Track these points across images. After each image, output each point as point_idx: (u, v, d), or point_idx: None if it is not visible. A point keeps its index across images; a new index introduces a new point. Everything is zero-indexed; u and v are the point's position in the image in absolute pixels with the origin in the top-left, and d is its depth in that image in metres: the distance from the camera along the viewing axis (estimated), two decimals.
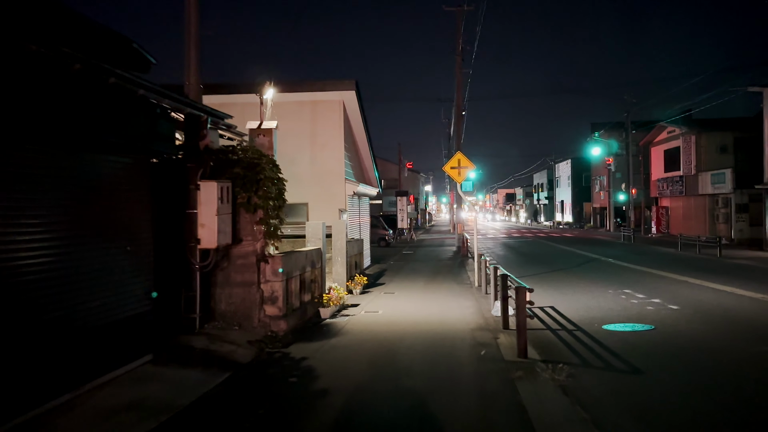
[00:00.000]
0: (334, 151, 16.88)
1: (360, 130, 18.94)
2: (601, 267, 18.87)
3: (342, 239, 13.30)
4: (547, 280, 15.38)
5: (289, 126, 17.31)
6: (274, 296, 8.37)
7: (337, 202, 16.71)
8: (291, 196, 17.54)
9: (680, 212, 38.16)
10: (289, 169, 17.22)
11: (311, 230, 11.05)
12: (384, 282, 15.95)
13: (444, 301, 12.03)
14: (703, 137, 34.51)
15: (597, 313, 10.22)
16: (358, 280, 13.50)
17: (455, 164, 14.89)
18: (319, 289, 10.76)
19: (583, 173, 63.33)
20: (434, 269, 19.40)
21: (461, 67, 28.90)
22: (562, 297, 12.04)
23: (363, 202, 20.59)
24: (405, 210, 39.32)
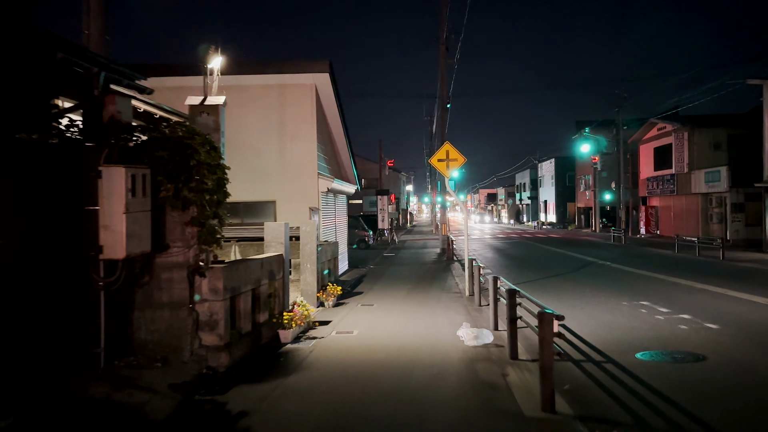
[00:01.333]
0: (305, 142, 14.86)
1: (336, 119, 16.94)
2: (602, 272, 17.12)
3: (312, 243, 11.30)
4: (548, 289, 13.53)
5: (253, 113, 15.26)
6: (213, 320, 6.35)
7: (308, 200, 14.70)
8: (256, 192, 15.49)
9: (670, 212, 36.81)
10: (253, 163, 15.17)
11: (271, 233, 9.04)
12: (362, 291, 13.98)
13: (431, 317, 10.10)
14: (696, 134, 33.15)
15: (621, 333, 8.35)
16: (331, 291, 11.51)
17: (443, 156, 12.99)
18: (280, 305, 8.75)
19: (567, 173, 62.06)
20: (418, 275, 17.48)
21: (445, 57, 27.04)
22: (572, 311, 10.19)
23: (339, 200, 18.59)
24: (386, 210, 37.38)
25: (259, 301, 7.84)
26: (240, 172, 15.36)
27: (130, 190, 5.46)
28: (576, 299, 11.76)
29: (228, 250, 14.36)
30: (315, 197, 14.76)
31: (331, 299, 11.41)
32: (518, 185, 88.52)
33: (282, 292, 8.83)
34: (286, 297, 9.08)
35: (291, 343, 7.94)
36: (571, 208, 61.66)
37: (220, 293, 6.35)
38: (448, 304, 11.55)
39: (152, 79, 12.69)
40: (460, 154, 12.92)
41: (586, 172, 53.11)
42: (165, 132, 6.11)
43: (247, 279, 7.30)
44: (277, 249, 8.94)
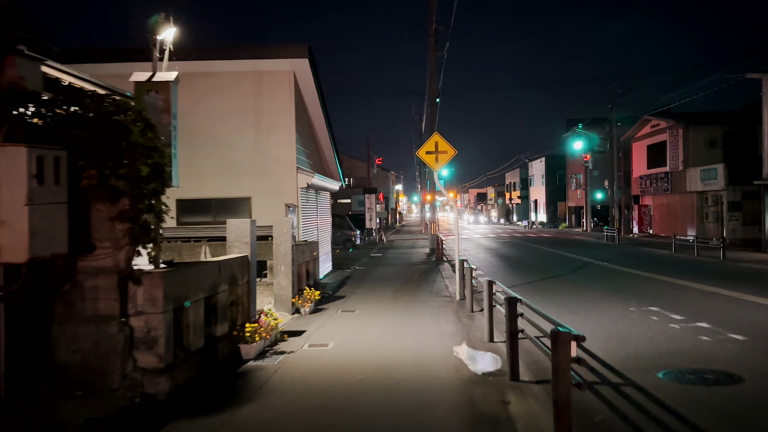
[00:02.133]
0: (283, 134, 13.72)
1: (317, 111, 15.80)
2: (601, 273, 16.12)
3: (286, 243, 10.17)
4: (546, 292, 12.50)
5: (226, 102, 14.07)
6: (150, 337, 5.20)
7: (286, 196, 13.56)
8: (230, 188, 14.30)
9: (664, 211, 36.03)
10: (226, 156, 13.96)
11: (234, 231, 7.89)
12: (344, 295, 12.86)
13: (419, 325, 9.00)
14: (691, 131, 32.36)
15: (636, 347, 7.29)
16: (308, 296, 10.37)
17: (431, 148, 11.90)
18: (245, 314, 7.60)
19: (558, 171, 61.30)
20: (406, 276, 16.38)
21: (434, 49, 26.00)
22: (575, 318, 9.15)
23: (322, 197, 17.46)
24: (374, 209, 36.25)
25: (217, 311, 6.69)
26: (212, 166, 14.22)
27: (35, 175, 4.31)
28: (578, 304, 10.71)
29: (198, 250, 13.18)
30: (293, 193, 13.62)
31: (308, 305, 10.27)
32: (508, 184, 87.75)
33: (247, 300, 7.68)
34: (253, 305, 7.93)
35: (254, 359, 6.80)
36: (562, 207, 60.90)
37: (160, 304, 5.20)
38: (438, 310, 10.46)
39: (95, 66, 11.55)
40: (450, 146, 11.84)
41: (577, 171, 52.33)
42: (88, 106, 4.93)
43: (199, 285, 6.15)
44: (241, 250, 7.80)
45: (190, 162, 14.04)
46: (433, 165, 11.88)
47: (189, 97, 14.02)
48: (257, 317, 7.58)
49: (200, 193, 13.73)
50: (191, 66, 14.08)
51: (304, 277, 11.51)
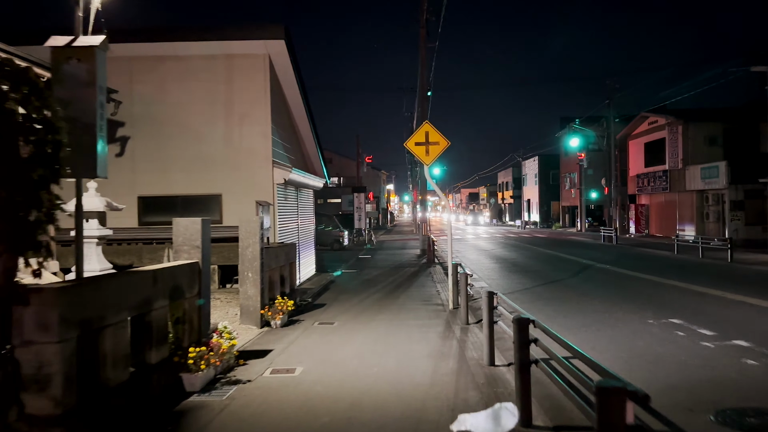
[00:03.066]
0: (257, 124, 12.39)
1: (297, 100, 14.48)
2: (605, 277, 14.90)
3: (254, 245, 8.84)
4: (549, 301, 11.25)
5: (194, 89, 12.70)
6: (43, 374, 3.88)
7: (261, 193, 12.25)
8: (198, 184, 12.92)
9: (662, 210, 34.97)
10: (194, 149, 12.54)
11: (182, 233, 6.56)
12: (324, 302, 11.55)
13: (406, 342, 7.71)
14: (691, 128, 31.28)
15: (668, 374, 6.02)
16: (280, 306, 9.05)
17: (421, 139, 10.61)
18: (194, 333, 6.28)
19: (551, 170, 60.27)
20: (394, 280, 15.09)
21: (425, 41, 24.73)
22: (587, 334, 7.90)
23: (304, 195, 16.13)
24: (363, 208, 34.95)
25: (152, 333, 5.36)
26: (178, 160, 12.83)
27: None
28: (586, 315, 9.46)
29: (161, 253, 11.82)
30: (269, 190, 12.30)
31: (280, 317, 8.95)
32: (500, 184, 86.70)
33: (197, 316, 6.35)
34: (205, 321, 6.60)
35: (200, 392, 5.48)
36: (555, 207, 59.86)
37: (55, 330, 3.88)
38: (428, 322, 9.18)
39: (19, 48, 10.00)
40: (443, 136, 10.56)
41: (571, 170, 51.28)
42: None
43: (124, 302, 4.83)
44: (191, 255, 6.47)
45: (153, 155, 12.71)
46: (423, 158, 10.59)
47: (153, 83, 12.68)
48: (210, 337, 6.27)
49: (165, 190, 12.39)
50: (156, 48, 12.74)
51: (277, 284, 10.19)
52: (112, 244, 11.72)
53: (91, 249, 8.82)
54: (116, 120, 12.30)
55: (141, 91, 12.44)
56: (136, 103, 12.38)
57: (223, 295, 11.06)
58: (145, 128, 12.42)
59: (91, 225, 8.90)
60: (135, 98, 12.39)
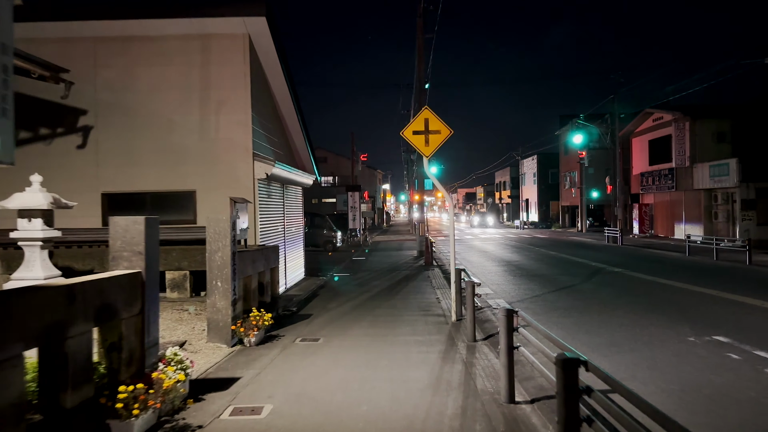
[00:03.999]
0: (236, 112, 11.07)
1: (282, 88, 13.15)
2: (622, 282, 13.61)
3: (224, 249, 7.52)
4: (565, 312, 9.96)
5: (166, 74, 11.36)
6: None
7: (240, 189, 10.93)
8: (169, 180, 11.53)
9: (667, 210, 33.78)
10: (165, 140, 11.14)
11: (121, 235, 5.21)
12: (311, 312, 10.24)
13: (402, 367, 6.40)
14: (698, 124, 30.08)
15: (741, 416, 4.73)
16: (255, 320, 7.73)
17: (420, 127, 9.30)
18: (134, 363, 4.94)
19: (550, 170, 59.12)
20: (390, 286, 13.79)
21: (423, 31, 23.46)
22: (622, 356, 6.61)
23: (291, 192, 14.80)
24: (357, 208, 33.63)
25: (67, 367, 4.03)
26: (148, 152, 11.43)
27: None
28: (614, 331, 8.16)
29: None
30: (249, 185, 10.97)
31: (254, 333, 7.62)
32: (498, 183, 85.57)
33: (137, 340, 5.01)
34: (152, 348, 5.26)
35: None
36: (554, 207, 58.70)
37: None
38: (428, 339, 7.87)
39: None
40: (444, 124, 9.25)
41: (571, 169, 50.09)
42: None
43: (16, 330, 3.49)
44: (132, 263, 5.14)
45: (120, 148, 11.37)
46: (422, 149, 9.28)
47: (120, 67, 11.33)
48: (153, 368, 4.94)
49: (133, 186, 11.05)
50: (123, 27, 11.37)
51: (254, 292, 8.85)
52: (72, 247, 10.38)
53: (35, 253, 7.45)
54: (76, 107, 10.96)
55: (106, 75, 11.10)
56: (100, 89, 11.04)
57: (194, 305, 9.73)
58: (111, 117, 11.09)
59: (35, 225, 7.51)
60: (99, 84, 11.06)
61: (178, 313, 8.86)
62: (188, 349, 7.25)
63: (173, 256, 10.40)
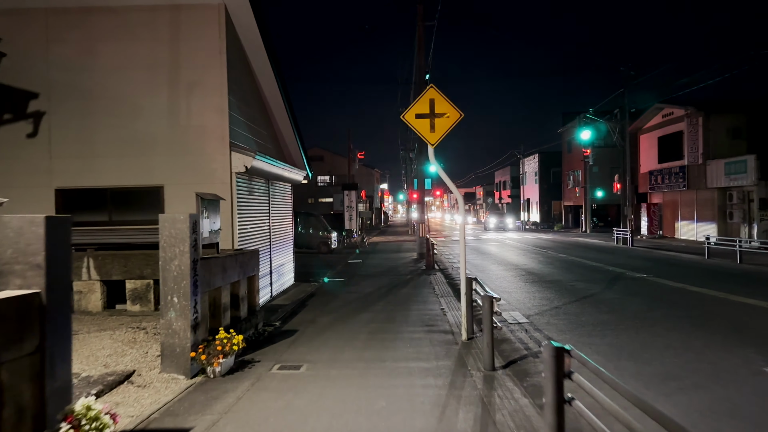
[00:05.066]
0: (210, 96, 9.59)
1: (266, 71, 11.67)
2: (650, 291, 12.14)
3: (183, 257, 6.03)
4: (597, 330, 8.49)
5: (130, 51, 9.84)
6: None
7: (215, 185, 9.45)
8: (134, 173, 9.80)
9: (677, 210, 32.34)
10: (129, 128, 9.30)
11: (12, 241, 3.72)
12: (296, 328, 8.76)
13: (407, 409, 4.94)
14: (713, 119, 28.64)
15: None
16: (221, 345, 6.23)
17: (424, 110, 7.81)
18: (29, 423, 3.44)
19: (553, 168, 57.66)
20: (388, 293, 12.32)
21: (423, 18, 22.00)
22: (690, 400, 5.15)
23: (278, 189, 13.31)
24: (354, 207, 32.15)
25: None
26: (109, 142, 9.76)
27: None
28: (663, 357, 6.67)
29: (78, 264, 8.97)
30: (226, 180, 9.49)
31: (220, 361, 6.13)
32: (498, 183, 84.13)
33: (32, 390, 3.52)
34: (55, 398, 3.76)
35: None
36: (556, 206, 57.27)
37: None
38: (436, 365, 6.40)
39: None
40: (454, 106, 7.77)
41: (574, 167, 48.64)
42: None
43: None
44: (25, 280, 3.65)
45: (77, 136, 9.86)
46: (427, 135, 7.79)
47: (78, 43, 9.82)
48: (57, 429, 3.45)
49: (92, 180, 9.57)
50: None
51: (224, 308, 7.35)
52: None
53: None
54: (25, 90, 9.46)
55: (61, 52, 9.61)
56: (53, 68, 9.55)
57: (156, 320, 8.24)
58: (67, 101, 9.60)
59: None
60: (52, 62, 9.57)
61: (133, 332, 7.36)
62: (136, 382, 5.76)
63: (135, 262, 8.91)
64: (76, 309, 8.90)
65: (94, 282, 8.88)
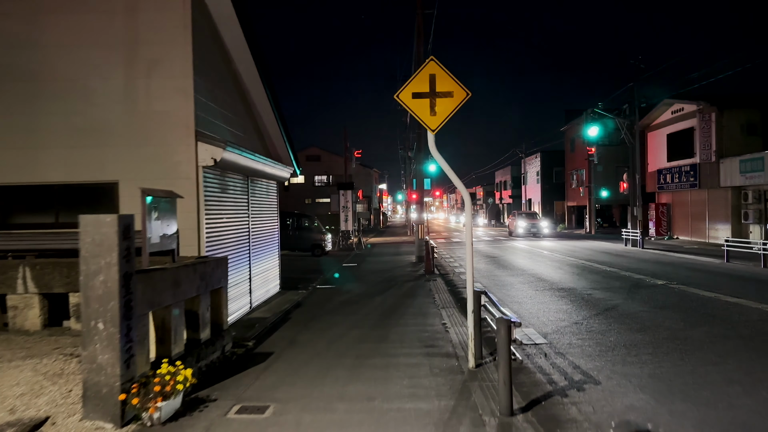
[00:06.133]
0: (172, 77, 8.21)
1: (242, 51, 10.28)
2: (678, 302, 10.75)
3: (110, 272, 4.64)
4: (632, 354, 7.10)
5: (80, 24, 8.49)
6: None
7: (178, 180, 8.06)
8: (85, 168, 7.64)
9: (687, 210, 30.96)
10: (78, 114, 7.28)
11: None
12: (271, 350, 7.38)
13: None
14: (726, 115, 27.27)
15: None
16: (161, 383, 4.83)
17: (422, 88, 6.42)
18: None
19: (555, 168, 56.24)
20: (383, 303, 10.93)
21: (422, 6, 20.62)
22: None
23: (260, 187, 11.92)
24: (350, 207, 30.76)
25: None
26: (54, 131, 7.57)
27: None
28: (728, 393, 5.29)
29: (12, 274, 7.56)
30: (191, 175, 8.10)
31: (158, 405, 4.73)
32: (498, 183, 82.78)
33: None
34: None
35: None
36: (559, 207, 55.88)
37: None
38: (438, 406, 5.03)
39: None
40: (459, 84, 6.38)
41: (578, 167, 47.28)
42: None
43: None
44: None
45: (17, 124, 8.37)
46: (426, 119, 6.40)
47: (18, 15, 8.44)
48: None
49: (34, 176, 8.18)
50: None
51: (176, 331, 5.95)
52: None
53: None
54: None
55: (1, 27, 8.22)
56: None
57: None
58: (7, 83, 8.22)
59: None
60: None
61: (64, 360, 5.96)
62: None
63: None
64: (11, 328, 7.50)
65: (31, 296, 7.49)
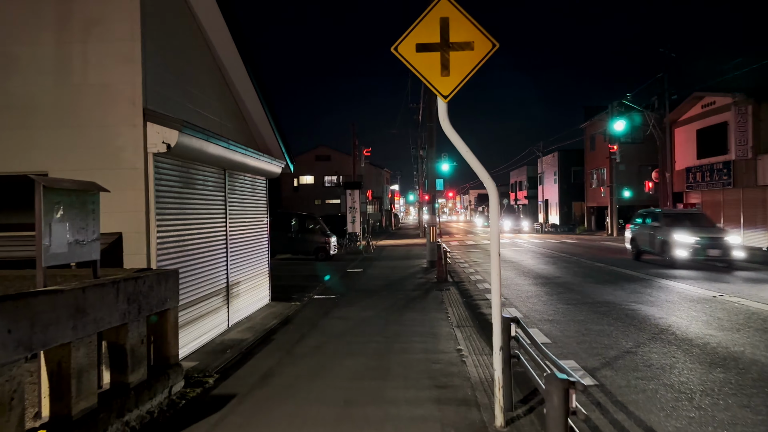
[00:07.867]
0: (114, 41, 6.47)
1: (215, 19, 8.55)
2: (748, 322, 8.85)
3: None
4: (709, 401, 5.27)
5: None
6: None
7: (121, 171, 6.33)
8: (5, 155, 6.70)
9: (719, 211, 28.77)
10: (2, 86, 6.64)
11: None
12: (235, 392, 5.62)
13: None
14: (764, 108, 25.13)
15: None
16: None
17: (430, 37, 4.61)
18: None
19: (573, 167, 54.11)
20: (387, 321, 9.13)
21: None
22: None
23: (242, 182, 10.17)
24: (357, 208, 29.02)
25: None
26: None
27: None
28: None
29: None
30: (138, 163, 6.37)
31: None
32: (513, 184, 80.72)
33: None
34: None
35: None
36: (577, 207, 53.72)
37: None
38: None
39: None
40: (481, 30, 4.57)
41: (598, 165, 45.18)
42: None
43: None
44: None
45: None
46: (435, 80, 4.60)
47: None
48: None
49: None
50: None
51: (81, 379, 4.19)
52: None
53: None
54: None
55: None
56: None
57: None
58: None
59: None
60: None
61: None
62: None
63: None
64: None
65: None
